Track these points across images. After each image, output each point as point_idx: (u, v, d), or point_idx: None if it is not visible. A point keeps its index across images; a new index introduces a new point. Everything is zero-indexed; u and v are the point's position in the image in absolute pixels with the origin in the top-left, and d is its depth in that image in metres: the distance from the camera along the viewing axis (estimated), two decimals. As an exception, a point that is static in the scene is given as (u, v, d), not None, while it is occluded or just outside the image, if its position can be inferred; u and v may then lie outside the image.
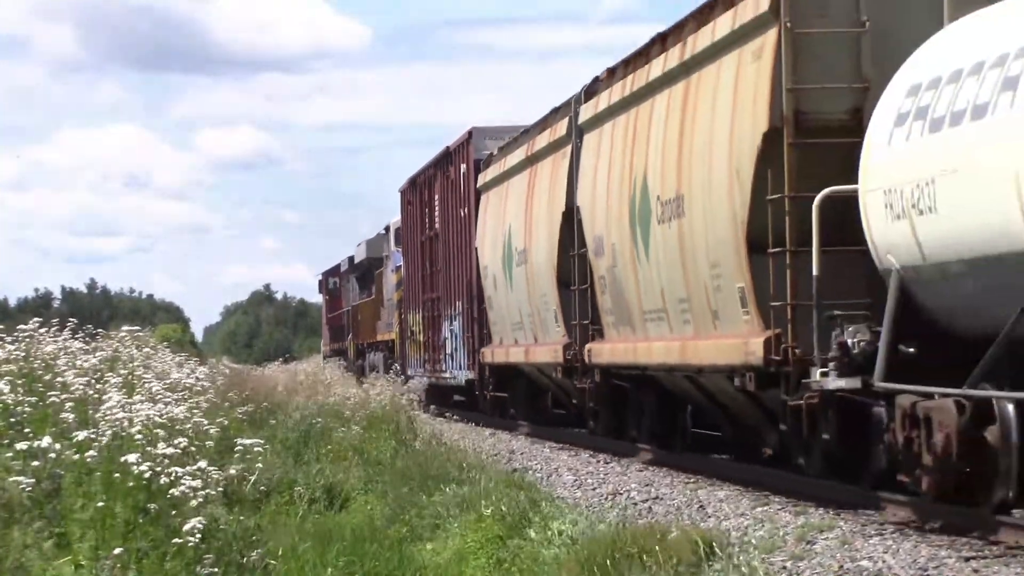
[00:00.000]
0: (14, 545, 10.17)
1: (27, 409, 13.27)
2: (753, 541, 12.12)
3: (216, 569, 10.15)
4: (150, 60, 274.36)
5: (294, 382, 31.72)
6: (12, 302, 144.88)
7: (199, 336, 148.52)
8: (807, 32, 14.36)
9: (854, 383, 13.04)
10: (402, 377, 30.60)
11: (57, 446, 11.29)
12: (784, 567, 11.22)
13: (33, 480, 10.87)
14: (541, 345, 24.46)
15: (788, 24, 14.35)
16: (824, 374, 13.49)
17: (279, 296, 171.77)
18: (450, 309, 32.87)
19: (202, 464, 11.20)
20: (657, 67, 18.08)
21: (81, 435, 11.27)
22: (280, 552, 12.25)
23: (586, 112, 21.42)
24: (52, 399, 13.38)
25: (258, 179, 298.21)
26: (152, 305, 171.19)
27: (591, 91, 21.62)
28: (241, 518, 12.59)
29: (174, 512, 10.43)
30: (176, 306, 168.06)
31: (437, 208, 34.29)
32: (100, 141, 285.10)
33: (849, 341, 13.30)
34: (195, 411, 14.27)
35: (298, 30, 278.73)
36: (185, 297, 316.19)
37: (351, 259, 56.70)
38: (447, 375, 33.35)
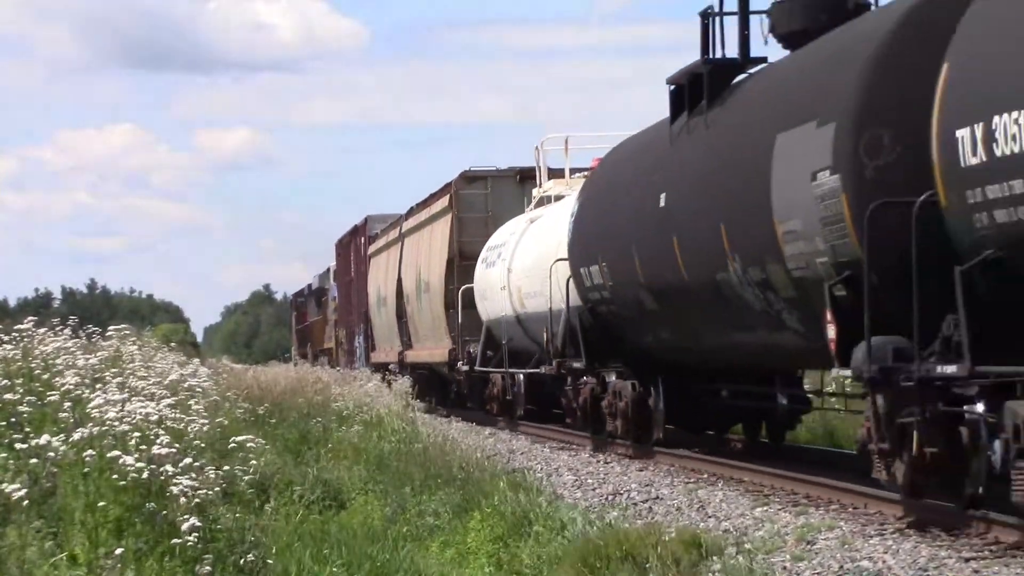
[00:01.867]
0: (13, 545, 10.05)
1: (26, 409, 13.02)
2: (753, 542, 12.24)
3: (215, 569, 9.99)
4: (148, 60, 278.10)
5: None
6: (12, 302, 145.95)
7: (199, 336, 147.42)
8: (464, 216, 32.85)
9: (466, 369, 31.47)
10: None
11: (55, 442, 11.07)
12: (784, 567, 11.29)
13: (29, 482, 10.78)
14: (392, 351, 42.84)
15: (456, 212, 32.83)
16: (463, 364, 31.91)
17: (279, 296, 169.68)
18: (358, 328, 51.34)
19: (199, 463, 11.02)
20: (425, 213, 36.58)
21: (78, 435, 11.01)
22: (274, 551, 12.07)
23: (405, 226, 39.91)
24: (51, 398, 13.06)
25: (256, 179, 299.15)
26: (152, 305, 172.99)
27: (410, 212, 40.02)
28: (240, 518, 12.46)
29: (164, 513, 10.28)
30: (176, 306, 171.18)
31: (352, 262, 52.79)
32: (98, 141, 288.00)
33: (472, 351, 31.66)
34: (194, 411, 14.15)
35: (296, 30, 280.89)
36: (185, 297, 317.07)
37: (310, 286, 75.28)
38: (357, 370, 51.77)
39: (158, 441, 10.88)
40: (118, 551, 9.65)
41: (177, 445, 11.11)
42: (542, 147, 28.02)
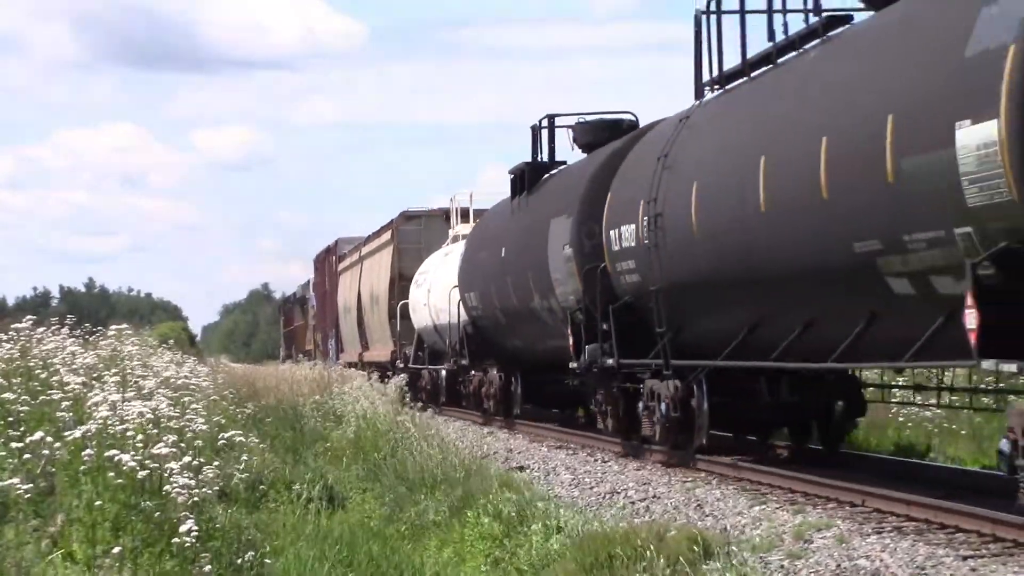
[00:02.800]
0: (11, 543, 10.10)
1: (24, 408, 13.04)
2: (751, 540, 12.38)
3: (212, 568, 10.01)
4: (146, 59, 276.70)
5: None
6: (11, 301, 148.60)
7: (198, 335, 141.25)
8: (403, 247, 41.99)
9: (402, 366, 40.53)
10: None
11: (50, 439, 11.05)
12: (781, 566, 11.41)
13: (29, 483, 10.67)
14: (355, 353, 51.93)
15: (397, 244, 41.99)
16: (399, 362, 40.98)
17: (277, 295, 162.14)
18: (330, 332, 60.47)
19: (196, 462, 10.98)
20: (377, 242, 45.72)
21: (76, 433, 11.03)
22: (273, 550, 12.09)
23: (364, 250, 49.02)
24: (49, 397, 13.10)
25: (255, 178, 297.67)
26: (151, 304, 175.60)
27: (368, 239, 49.10)
28: (238, 517, 12.52)
29: (158, 513, 10.26)
30: (174, 305, 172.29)
31: (326, 276, 61.93)
32: (96, 141, 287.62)
33: (407, 352, 40.69)
34: (192, 409, 14.07)
35: (293, 29, 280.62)
36: (183, 296, 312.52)
37: (295, 294, 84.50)
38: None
39: (162, 439, 11.02)
40: (116, 549, 9.73)
41: (170, 438, 11.08)
42: (455, 199, 37.36)
